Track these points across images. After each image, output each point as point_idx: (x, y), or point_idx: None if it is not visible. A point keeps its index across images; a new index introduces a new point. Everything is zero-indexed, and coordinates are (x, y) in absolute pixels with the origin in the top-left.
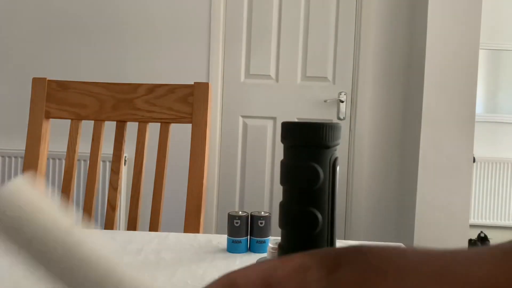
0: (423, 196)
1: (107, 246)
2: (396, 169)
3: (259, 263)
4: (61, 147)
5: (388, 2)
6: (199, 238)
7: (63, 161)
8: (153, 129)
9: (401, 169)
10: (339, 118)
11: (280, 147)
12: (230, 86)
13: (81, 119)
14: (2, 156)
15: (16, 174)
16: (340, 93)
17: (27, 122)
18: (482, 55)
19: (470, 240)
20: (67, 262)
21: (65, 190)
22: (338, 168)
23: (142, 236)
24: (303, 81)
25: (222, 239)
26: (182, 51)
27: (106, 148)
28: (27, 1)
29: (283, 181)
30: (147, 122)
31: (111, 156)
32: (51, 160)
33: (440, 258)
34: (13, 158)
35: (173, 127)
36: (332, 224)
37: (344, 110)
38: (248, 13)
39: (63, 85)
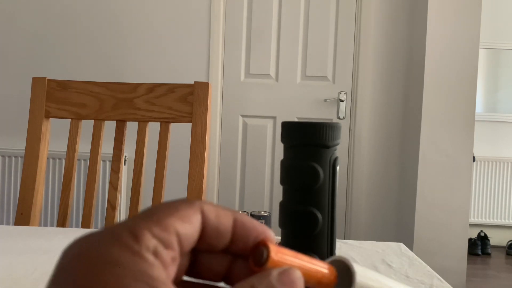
0: (423, 196)
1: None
2: (396, 168)
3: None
4: (61, 147)
5: (388, 2)
6: None
7: (63, 161)
8: (153, 129)
9: (401, 169)
10: (339, 118)
11: (280, 147)
12: (230, 86)
13: (81, 119)
14: (2, 156)
15: (16, 174)
16: (340, 93)
17: (27, 122)
18: (482, 54)
19: (470, 239)
20: None
21: (65, 190)
22: (338, 168)
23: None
24: (303, 81)
25: None
26: (182, 51)
27: (106, 147)
28: (27, 1)
29: (283, 181)
30: (147, 121)
31: (111, 155)
32: (51, 160)
33: None
34: (13, 158)
35: (173, 127)
36: (332, 224)
37: (344, 109)
38: (248, 13)
39: (63, 85)
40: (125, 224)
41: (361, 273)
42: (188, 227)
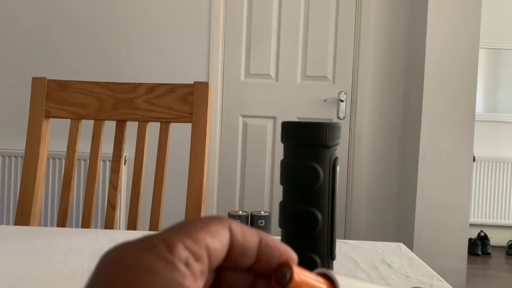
0: (423, 196)
1: None
2: (396, 168)
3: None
4: (61, 147)
5: (388, 2)
6: None
7: (63, 161)
8: (153, 129)
9: (401, 169)
10: (339, 118)
11: (280, 147)
12: (230, 86)
13: (81, 119)
14: (2, 156)
15: (16, 174)
16: (340, 93)
17: (27, 122)
18: (482, 54)
19: (470, 239)
20: None
21: (65, 190)
22: (338, 168)
23: (142, 235)
24: (303, 81)
25: None
26: (182, 51)
27: (106, 147)
28: (27, 1)
29: (283, 181)
30: (147, 121)
31: (111, 155)
32: (51, 160)
33: None
34: (13, 158)
35: (173, 127)
36: (332, 223)
37: (344, 109)
38: (248, 13)
39: (63, 85)
40: (159, 235)
41: (345, 283)
42: (217, 242)
